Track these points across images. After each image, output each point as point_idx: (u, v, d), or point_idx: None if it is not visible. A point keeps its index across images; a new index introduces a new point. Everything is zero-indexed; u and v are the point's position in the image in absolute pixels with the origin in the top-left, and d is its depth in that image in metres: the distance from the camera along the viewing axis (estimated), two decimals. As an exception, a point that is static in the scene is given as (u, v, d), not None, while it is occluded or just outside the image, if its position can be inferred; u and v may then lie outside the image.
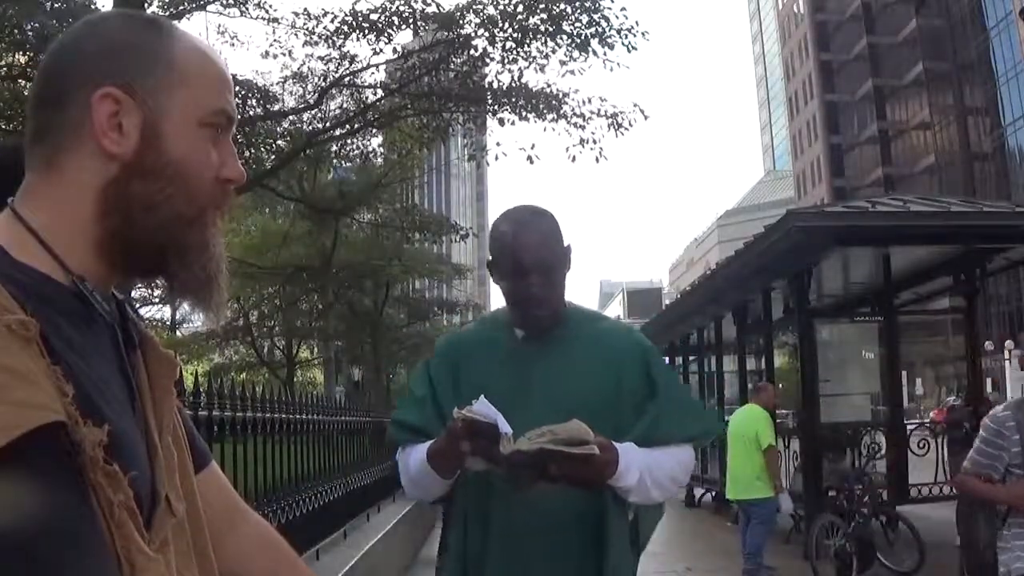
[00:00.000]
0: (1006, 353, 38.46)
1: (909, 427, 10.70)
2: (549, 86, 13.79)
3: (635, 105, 13.94)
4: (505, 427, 1.80)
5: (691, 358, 17.08)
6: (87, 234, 0.88)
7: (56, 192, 0.88)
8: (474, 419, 1.80)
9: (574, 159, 13.96)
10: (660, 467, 1.98)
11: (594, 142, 13.76)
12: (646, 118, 13.97)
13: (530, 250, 2.00)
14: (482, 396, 1.83)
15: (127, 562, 0.80)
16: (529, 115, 13.71)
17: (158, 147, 0.89)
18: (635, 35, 13.01)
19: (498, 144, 25.80)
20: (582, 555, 1.96)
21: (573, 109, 13.65)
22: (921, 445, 10.17)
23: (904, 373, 10.56)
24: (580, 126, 13.68)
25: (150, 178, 0.89)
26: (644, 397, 2.04)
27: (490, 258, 2.11)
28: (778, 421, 8.82)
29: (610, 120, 13.69)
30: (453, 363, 2.10)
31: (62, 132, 0.89)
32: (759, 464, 7.45)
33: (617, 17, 12.97)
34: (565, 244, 2.08)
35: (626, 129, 13.73)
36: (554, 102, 13.59)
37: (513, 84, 13.60)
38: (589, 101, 13.74)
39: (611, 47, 12.93)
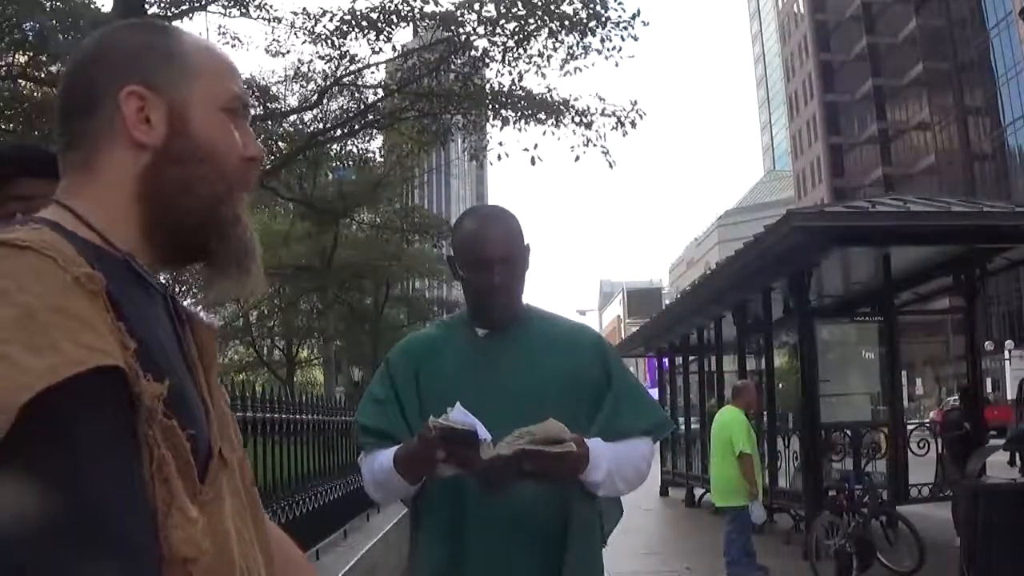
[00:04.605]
0: (1006, 353, 38.49)
1: (909, 427, 10.70)
2: (550, 90, 13.79)
3: (633, 104, 13.89)
4: (484, 434, 1.81)
5: (691, 358, 17.07)
6: (130, 221, 0.95)
7: (96, 187, 0.94)
8: (451, 427, 1.80)
9: (578, 159, 13.78)
10: (625, 461, 2.05)
11: (604, 145, 13.74)
12: (642, 117, 13.92)
13: (494, 242, 2.06)
14: (458, 403, 1.85)
15: (164, 515, 0.83)
16: (530, 123, 13.70)
17: (186, 132, 0.96)
18: (631, 27, 13.05)
19: (500, 144, 25.71)
20: (555, 545, 1.99)
21: (575, 113, 13.62)
22: (921, 445, 10.16)
23: (904, 373, 10.54)
24: (587, 124, 13.64)
25: (182, 162, 0.96)
26: (602, 389, 2.09)
27: (451, 254, 2.16)
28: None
29: (614, 119, 13.66)
30: (415, 363, 2.12)
31: (95, 135, 0.95)
32: (736, 470, 7.32)
33: (616, 9, 13.02)
34: (525, 243, 2.13)
35: (631, 127, 13.70)
36: (552, 109, 13.56)
37: (514, 87, 13.59)
38: (591, 104, 13.74)
39: (612, 28, 12.95)
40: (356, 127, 15.64)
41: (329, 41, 13.75)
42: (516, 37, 12.93)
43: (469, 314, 2.17)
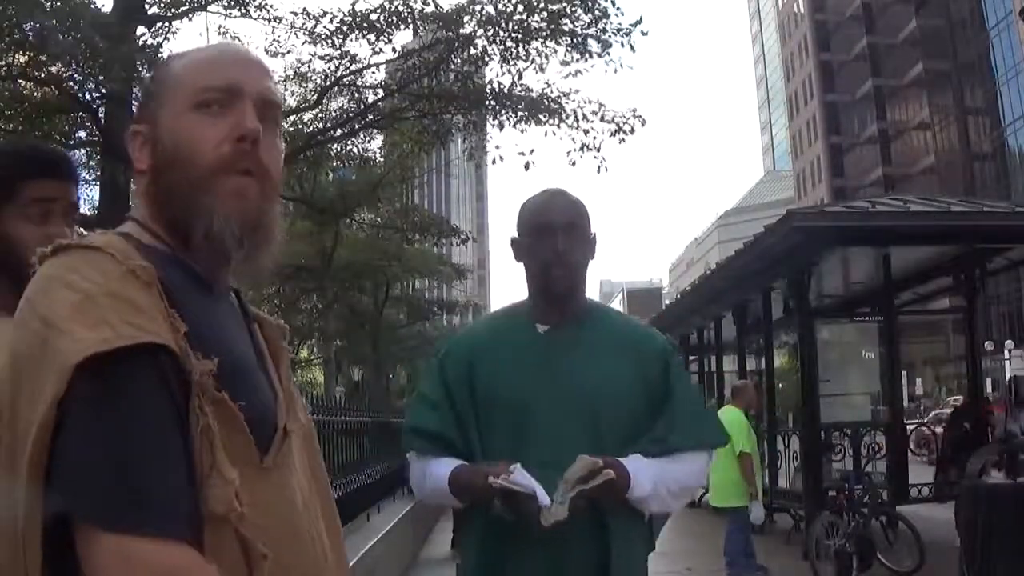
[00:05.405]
0: (1006, 353, 38.47)
1: (909, 427, 10.69)
2: (549, 85, 13.74)
3: (634, 111, 13.81)
4: (544, 499, 1.82)
5: (691, 358, 17.08)
6: (164, 230, 1.07)
7: (139, 210, 1.10)
8: (511, 489, 1.81)
9: (574, 163, 13.64)
10: (672, 477, 2.00)
11: (597, 149, 13.63)
12: (643, 124, 13.83)
13: (559, 208, 2.05)
14: (519, 466, 1.84)
15: (205, 476, 0.92)
16: (529, 123, 13.65)
17: (159, 145, 1.08)
18: (632, 33, 12.97)
19: (497, 147, 25.66)
20: (601, 546, 1.96)
21: (574, 111, 13.55)
22: (920, 445, 10.16)
23: (904, 373, 10.56)
24: (585, 130, 13.54)
25: (162, 170, 1.08)
26: (661, 397, 2.04)
27: (515, 236, 2.11)
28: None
29: (613, 126, 13.56)
30: (468, 361, 2.06)
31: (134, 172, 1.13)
32: (735, 471, 7.31)
33: (619, 13, 12.95)
34: (592, 230, 2.10)
35: (628, 134, 13.60)
36: (554, 105, 13.50)
37: (513, 86, 13.54)
38: (590, 102, 13.67)
39: (608, 45, 12.88)
40: (356, 127, 15.61)
41: (329, 41, 13.73)
42: (516, 36, 12.90)
43: (529, 307, 2.12)
